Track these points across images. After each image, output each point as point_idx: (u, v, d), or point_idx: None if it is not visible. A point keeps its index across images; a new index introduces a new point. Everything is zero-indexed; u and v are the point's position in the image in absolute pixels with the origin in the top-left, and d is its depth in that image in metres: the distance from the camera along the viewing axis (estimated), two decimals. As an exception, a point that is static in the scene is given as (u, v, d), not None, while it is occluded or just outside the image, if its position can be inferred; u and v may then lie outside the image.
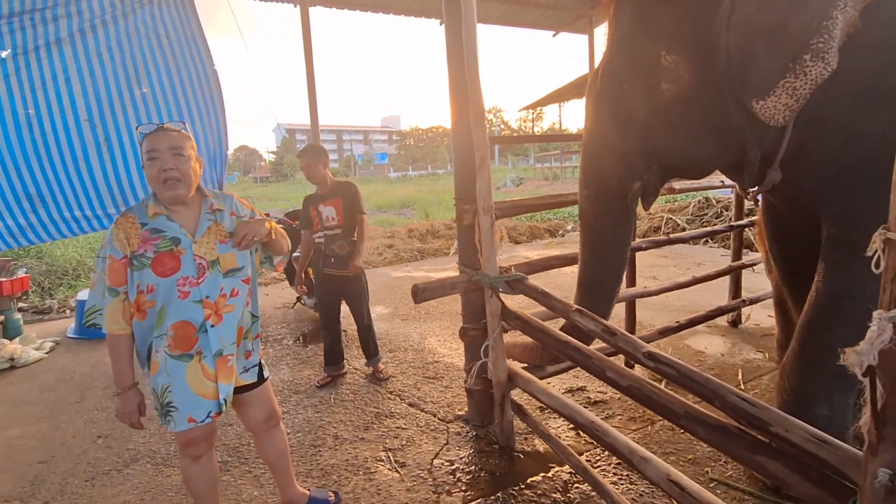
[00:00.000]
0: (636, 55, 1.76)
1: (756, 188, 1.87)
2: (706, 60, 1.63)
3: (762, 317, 3.81)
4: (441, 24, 6.94)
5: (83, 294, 4.60)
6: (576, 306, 1.67)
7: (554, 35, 7.80)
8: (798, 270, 2.12)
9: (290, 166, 58.43)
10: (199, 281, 1.49)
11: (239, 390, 1.62)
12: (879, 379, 0.70)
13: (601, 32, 7.67)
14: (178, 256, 1.48)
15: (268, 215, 1.84)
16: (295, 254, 4.30)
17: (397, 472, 2.12)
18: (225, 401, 1.53)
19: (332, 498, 1.93)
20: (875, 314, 0.71)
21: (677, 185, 3.08)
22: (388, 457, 2.24)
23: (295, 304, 4.82)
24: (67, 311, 5.28)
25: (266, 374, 1.74)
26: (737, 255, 3.71)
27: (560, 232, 8.92)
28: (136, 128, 1.56)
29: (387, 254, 7.46)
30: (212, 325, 1.50)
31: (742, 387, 2.76)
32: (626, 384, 1.43)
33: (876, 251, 0.71)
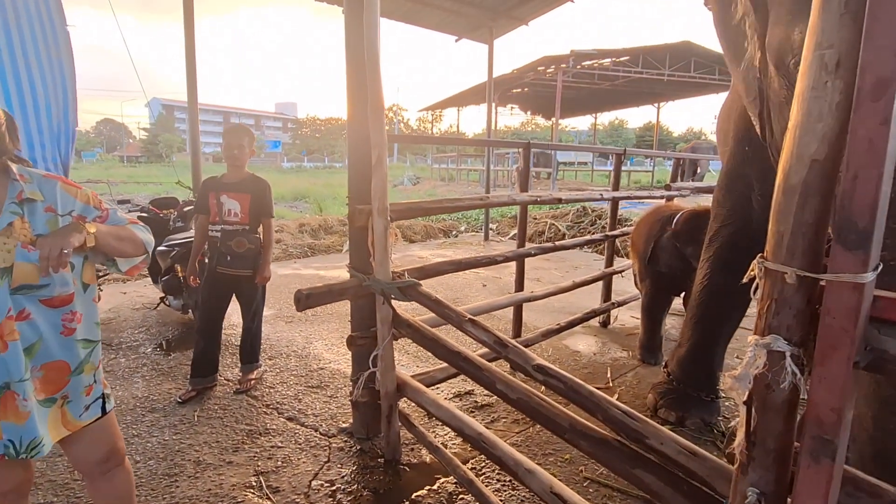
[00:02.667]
0: None
1: None
2: None
3: (626, 318, 4.22)
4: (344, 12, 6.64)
5: None
6: (469, 316, 1.62)
7: (456, 41, 7.91)
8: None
9: (166, 146, 52.02)
10: None
11: None
12: (753, 403, 0.73)
13: (500, 44, 7.95)
14: None
15: (128, 202, 1.47)
16: (162, 247, 3.75)
17: (269, 499, 1.89)
18: (11, 443, 1.18)
19: (188, 537, 1.65)
20: (750, 339, 0.74)
21: (563, 195, 3.25)
22: (260, 482, 1.99)
23: (158, 305, 4.21)
24: None
25: (110, 406, 1.39)
26: (609, 262, 4.05)
27: (454, 232, 9.08)
28: None
29: (274, 249, 6.92)
30: None
31: (611, 384, 2.98)
32: (514, 397, 1.41)
33: (754, 279, 0.73)
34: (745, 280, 0.76)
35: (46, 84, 3.54)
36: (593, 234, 7.41)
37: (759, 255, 0.73)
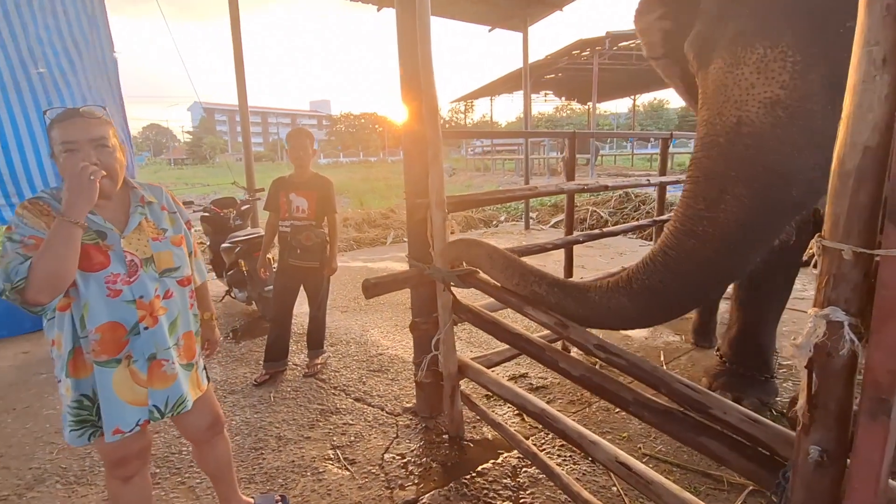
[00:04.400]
0: None
1: None
2: None
3: (678, 304, 4.19)
4: (378, 11, 6.78)
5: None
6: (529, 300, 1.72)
7: (490, 30, 7.90)
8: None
9: (210, 148, 54.38)
10: (132, 280, 1.36)
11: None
12: (814, 369, 0.81)
13: (533, 31, 7.90)
14: (105, 251, 1.33)
15: (191, 202, 1.71)
16: (227, 244, 4.05)
17: (347, 469, 2.09)
18: (156, 407, 1.41)
19: (280, 502, 1.86)
20: (810, 311, 0.81)
21: (610, 182, 3.28)
22: (337, 454, 2.19)
23: (223, 297, 4.53)
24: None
25: (210, 376, 1.65)
26: (658, 248, 4.03)
27: (494, 223, 9.14)
28: (45, 112, 1.37)
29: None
30: (146, 328, 1.37)
31: (665, 367, 3.02)
32: (578, 374, 1.51)
33: (814, 256, 0.81)
34: (804, 258, 0.84)
35: (105, 102, 3.93)
36: (637, 219, 7.31)
37: (818, 234, 0.81)
